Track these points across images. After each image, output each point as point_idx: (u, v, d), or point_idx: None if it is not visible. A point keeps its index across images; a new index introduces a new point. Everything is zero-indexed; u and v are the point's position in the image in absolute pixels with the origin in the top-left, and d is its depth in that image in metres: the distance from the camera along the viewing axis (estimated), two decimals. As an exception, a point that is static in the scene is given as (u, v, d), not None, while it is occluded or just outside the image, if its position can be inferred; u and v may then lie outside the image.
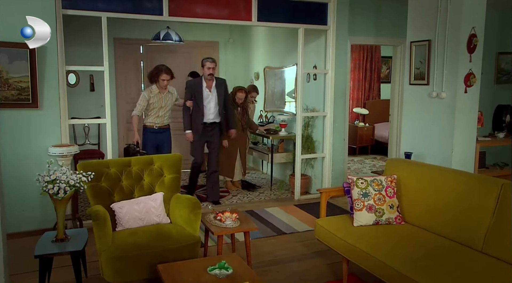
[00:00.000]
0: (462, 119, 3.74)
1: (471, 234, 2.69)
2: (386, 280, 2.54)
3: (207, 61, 4.95)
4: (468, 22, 3.65)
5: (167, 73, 4.89)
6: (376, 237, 2.84)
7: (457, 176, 2.98)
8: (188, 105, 5.02)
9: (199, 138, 5.07)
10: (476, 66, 3.73)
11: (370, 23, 5.53)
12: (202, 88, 4.98)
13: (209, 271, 2.25)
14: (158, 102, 4.98)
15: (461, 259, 2.53)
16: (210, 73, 4.93)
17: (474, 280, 2.28)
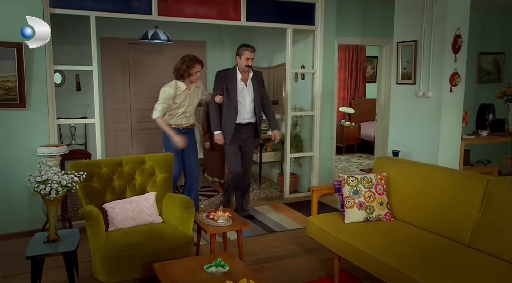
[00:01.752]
0: (448, 117, 3.84)
1: (459, 229, 2.77)
2: (379, 276, 2.60)
3: (246, 49, 4.13)
4: (453, 23, 3.75)
5: (199, 62, 4.11)
6: (367, 233, 2.91)
7: (444, 173, 3.07)
8: (217, 101, 4.22)
9: (230, 142, 4.26)
10: (461, 66, 3.83)
11: (357, 24, 5.61)
12: (236, 81, 4.19)
13: (205, 269, 2.27)
14: (185, 99, 4.16)
15: (450, 253, 2.60)
16: (248, 65, 4.14)
17: (462, 273, 2.35)
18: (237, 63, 4.22)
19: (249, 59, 4.13)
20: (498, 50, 6.89)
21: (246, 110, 4.26)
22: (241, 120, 4.26)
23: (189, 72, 4.05)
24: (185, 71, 4.05)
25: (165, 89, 4.08)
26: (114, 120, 6.76)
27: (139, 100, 6.92)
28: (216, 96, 4.20)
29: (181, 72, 4.08)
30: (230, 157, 4.37)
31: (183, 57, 4.13)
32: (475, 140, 4.17)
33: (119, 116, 6.78)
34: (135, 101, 6.91)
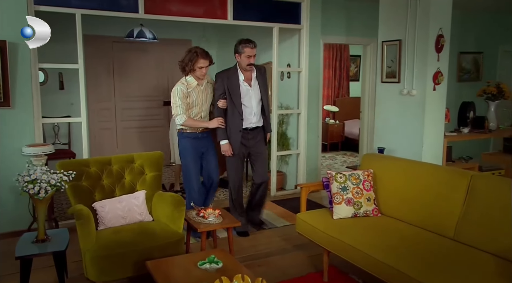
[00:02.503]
0: (431, 115, 3.94)
1: (443, 223, 2.86)
2: (368, 269, 2.67)
3: (246, 46, 3.65)
4: (436, 23, 3.85)
5: (204, 57, 3.64)
6: (356, 228, 2.97)
7: (429, 169, 3.16)
8: (220, 106, 3.75)
9: (238, 151, 3.81)
10: (443, 65, 3.94)
11: (342, 23, 5.69)
12: (238, 82, 3.73)
13: (199, 266, 2.29)
14: (198, 97, 3.73)
15: (435, 246, 2.68)
16: (250, 63, 3.69)
17: (448, 265, 2.43)
18: (237, 62, 3.77)
19: (251, 57, 3.66)
20: (477, 50, 7.08)
21: (252, 114, 3.78)
22: (248, 125, 3.79)
23: (192, 67, 3.64)
24: (187, 64, 3.66)
25: (176, 88, 3.66)
26: (99, 119, 6.69)
27: (124, 98, 6.87)
28: (219, 101, 3.74)
29: (183, 65, 3.69)
30: (234, 169, 3.87)
31: (189, 49, 3.75)
32: (457, 137, 4.29)
33: (103, 115, 6.72)
34: (119, 100, 6.86)
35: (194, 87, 3.71)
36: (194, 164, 3.77)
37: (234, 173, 3.89)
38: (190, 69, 3.66)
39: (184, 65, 3.68)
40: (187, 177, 3.80)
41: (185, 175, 3.83)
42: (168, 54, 7.03)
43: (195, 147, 3.76)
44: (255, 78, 3.80)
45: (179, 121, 3.64)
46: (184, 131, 3.77)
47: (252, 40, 3.73)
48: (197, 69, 3.64)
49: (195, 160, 3.77)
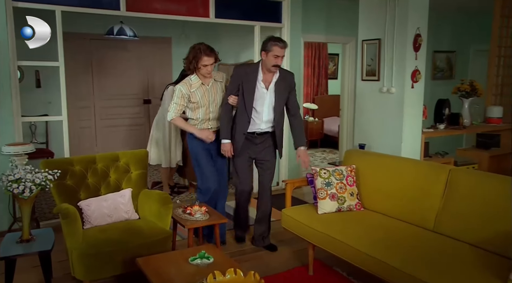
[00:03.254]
0: (410, 112, 4.07)
1: (424, 216, 2.97)
2: (353, 262, 2.75)
3: (276, 44, 3.26)
4: (413, 23, 3.97)
5: (208, 54, 3.39)
6: (340, 223, 3.05)
7: (409, 164, 3.27)
8: (230, 102, 3.45)
9: (239, 154, 3.52)
10: (421, 63, 4.08)
11: (322, 22, 5.79)
12: (256, 82, 3.39)
13: (190, 261, 2.32)
14: (203, 97, 3.48)
15: (417, 238, 2.79)
16: (277, 65, 3.32)
17: (428, 255, 2.53)
18: (262, 60, 3.39)
19: (279, 57, 3.28)
20: (450, 49, 7.33)
21: (263, 120, 3.47)
22: (255, 129, 3.49)
23: (196, 65, 3.40)
24: (191, 62, 3.42)
25: (178, 87, 3.47)
26: (77, 117, 6.58)
27: (103, 97, 6.79)
28: (230, 96, 3.43)
29: (188, 63, 3.45)
30: (239, 171, 3.59)
31: (192, 46, 3.49)
32: (433, 133, 4.44)
33: (82, 113, 6.62)
34: (99, 98, 6.78)
35: (198, 86, 3.46)
36: (207, 164, 3.53)
37: (242, 172, 3.56)
38: (195, 68, 3.43)
39: (189, 63, 3.44)
40: (203, 179, 3.56)
41: (200, 177, 3.59)
42: (148, 52, 6.99)
43: (205, 149, 3.54)
44: (275, 83, 3.41)
45: (168, 117, 3.53)
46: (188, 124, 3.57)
47: (283, 40, 3.35)
48: (202, 67, 3.39)
49: (208, 160, 3.53)
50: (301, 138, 3.59)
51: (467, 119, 4.82)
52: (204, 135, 3.45)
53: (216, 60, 3.45)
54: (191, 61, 3.41)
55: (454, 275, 2.30)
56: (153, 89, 7.16)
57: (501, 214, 2.57)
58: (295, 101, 3.58)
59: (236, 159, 3.56)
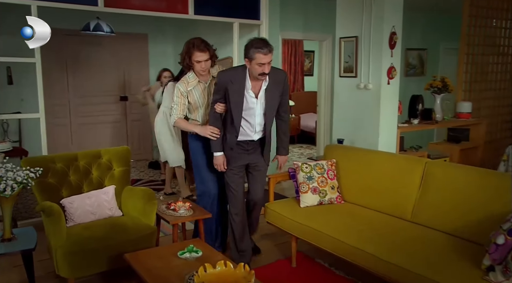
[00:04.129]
0: (386, 107, 4.20)
1: (401, 207, 3.10)
2: (334, 251, 2.85)
3: (258, 51, 2.78)
4: (389, 22, 4.10)
5: (201, 49, 3.12)
6: (322, 215, 3.14)
7: (387, 157, 3.40)
8: (218, 111, 3.08)
9: (231, 164, 3.17)
10: (396, 60, 4.21)
11: (299, 19, 5.88)
12: (243, 92, 2.96)
13: (179, 255, 2.35)
14: (201, 97, 3.25)
15: (395, 228, 2.91)
16: (263, 73, 2.86)
17: (406, 244, 2.66)
18: (248, 67, 2.91)
19: (264, 65, 2.80)
20: (421, 46, 7.57)
21: (253, 131, 3.10)
22: (246, 138, 3.14)
23: (189, 61, 3.16)
24: (185, 58, 3.18)
25: (177, 86, 3.25)
26: (52, 115, 6.43)
27: (79, 94, 6.66)
28: (217, 105, 3.06)
29: (182, 59, 3.22)
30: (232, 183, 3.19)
31: (187, 42, 3.23)
32: (408, 127, 4.60)
33: (57, 111, 6.47)
34: (74, 95, 6.64)
35: (196, 85, 3.23)
36: (207, 166, 3.30)
37: (232, 186, 3.19)
38: (188, 64, 3.19)
39: (183, 59, 3.21)
40: (202, 182, 3.37)
41: (200, 180, 3.40)
42: (124, 48, 6.89)
43: (205, 149, 3.28)
44: (266, 89, 2.98)
45: (171, 121, 3.36)
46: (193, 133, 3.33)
47: (267, 43, 2.85)
48: (195, 63, 3.14)
49: (210, 164, 3.25)
50: (287, 145, 3.34)
51: (439, 114, 5.01)
52: (208, 131, 3.10)
53: (212, 56, 3.19)
54: (184, 57, 3.19)
55: (432, 262, 2.42)
56: (129, 86, 7.08)
57: (474, 204, 2.72)
58: (286, 104, 3.22)
59: (228, 170, 3.19)
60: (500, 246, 2.25)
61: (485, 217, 2.62)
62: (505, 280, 2.14)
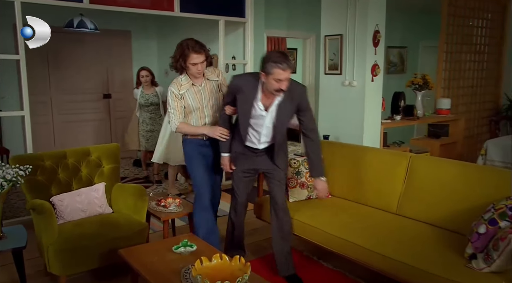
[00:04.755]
0: (370, 104, 4.31)
1: (387, 200, 3.21)
2: (323, 244, 2.94)
3: (277, 66, 2.58)
4: (373, 20, 4.20)
5: (197, 51, 2.94)
6: (311, 209, 3.22)
7: (372, 152, 3.50)
8: (228, 113, 2.97)
9: (237, 165, 3.09)
10: (380, 58, 4.33)
11: (284, 17, 5.93)
12: (252, 102, 2.80)
13: (174, 250, 2.38)
14: (195, 100, 3.06)
15: (382, 220, 3.02)
16: (280, 90, 2.66)
17: (392, 235, 2.77)
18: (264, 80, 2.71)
19: (282, 81, 2.61)
20: (402, 45, 7.74)
21: (257, 141, 2.96)
22: (253, 145, 2.99)
23: (183, 63, 2.97)
24: (178, 61, 2.99)
25: (169, 89, 3.07)
26: (34, 113, 6.30)
27: (61, 91, 6.57)
28: (227, 107, 2.95)
29: (175, 62, 3.02)
30: (235, 183, 3.15)
31: (180, 42, 3.04)
32: (391, 123, 4.72)
33: (38, 109, 6.34)
34: (56, 93, 6.55)
35: (189, 88, 3.04)
36: (199, 168, 3.11)
37: (235, 186, 3.13)
38: (182, 67, 3.00)
39: (176, 63, 3.01)
40: (196, 190, 3.17)
41: (194, 183, 3.22)
42: (107, 46, 6.83)
43: (203, 155, 3.13)
44: (279, 104, 2.78)
45: (173, 128, 3.07)
46: (187, 136, 3.15)
47: (286, 57, 2.64)
48: (190, 66, 2.96)
49: (200, 165, 3.12)
50: (318, 166, 3.01)
51: (420, 110, 5.16)
52: (218, 132, 2.95)
53: (207, 57, 3.02)
54: (178, 59, 2.97)
55: (417, 252, 2.53)
56: (113, 83, 7.03)
57: (456, 196, 2.84)
58: (310, 121, 2.97)
59: (235, 174, 3.11)
60: (482, 235, 2.37)
61: (467, 208, 2.74)
62: (487, 266, 2.26)
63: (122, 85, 7.07)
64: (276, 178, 3.03)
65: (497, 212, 2.39)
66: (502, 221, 2.33)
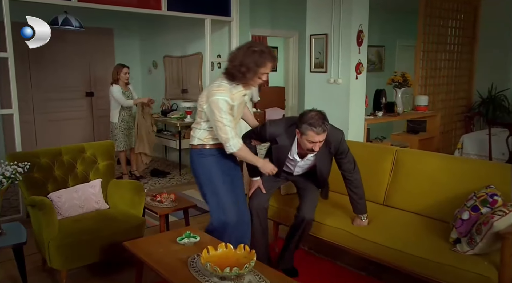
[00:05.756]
0: (354, 101, 4.48)
1: (375, 192, 3.36)
2: (316, 234, 3.08)
3: (311, 129, 2.62)
4: (357, 20, 4.36)
5: (274, 59, 2.64)
6: (303, 201, 3.35)
7: (360, 147, 3.65)
8: (254, 144, 2.93)
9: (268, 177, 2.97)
10: (363, 56, 4.49)
11: (268, 16, 6.06)
12: (288, 152, 2.87)
13: (178, 241, 2.47)
14: (239, 113, 2.74)
15: (371, 211, 3.14)
16: (312, 150, 2.74)
17: (383, 224, 2.95)
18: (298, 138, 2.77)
19: (315, 143, 2.67)
20: (380, 44, 7.99)
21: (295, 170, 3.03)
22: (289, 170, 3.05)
23: (255, 72, 2.55)
24: (251, 69, 2.52)
25: (220, 100, 2.51)
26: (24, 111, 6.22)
27: (43, 90, 6.49)
28: (254, 141, 2.92)
29: (242, 69, 2.52)
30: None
31: (249, 46, 2.58)
32: (373, 120, 4.92)
33: (19, 107, 6.24)
34: (37, 91, 6.46)
35: (239, 97, 2.65)
36: (227, 191, 2.72)
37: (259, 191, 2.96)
38: (252, 77, 2.56)
39: (245, 71, 2.52)
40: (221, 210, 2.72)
41: (216, 208, 2.74)
42: (89, 43, 6.79)
43: (223, 169, 2.74)
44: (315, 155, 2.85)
45: (233, 148, 2.57)
46: (204, 146, 2.70)
47: (323, 120, 2.67)
48: (260, 76, 2.60)
49: (228, 186, 2.74)
50: (360, 205, 2.95)
51: (400, 107, 5.38)
52: (270, 168, 2.74)
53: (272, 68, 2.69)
54: (250, 68, 2.51)
55: (405, 238, 2.71)
56: (95, 81, 6.98)
57: (439, 186, 3.03)
58: (350, 164, 2.95)
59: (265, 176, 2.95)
60: (465, 220, 2.56)
61: (450, 197, 2.93)
62: (470, 249, 2.45)
63: (104, 83, 7.00)
64: (308, 192, 3.02)
65: (478, 200, 2.59)
66: (484, 208, 2.53)
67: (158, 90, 6.99)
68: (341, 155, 2.92)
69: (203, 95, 2.65)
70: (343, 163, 2.96)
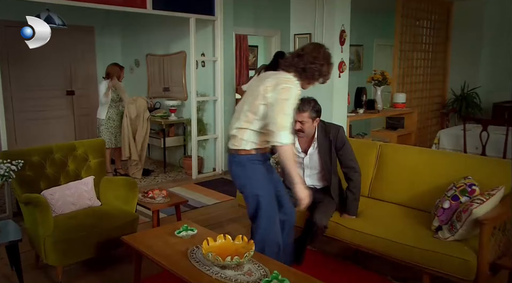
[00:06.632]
0: (337, 99, 4.64)
1: (362, 185, 3.52)
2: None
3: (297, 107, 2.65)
4: (339, 20, 4.53)
5: None
6: (292, 195, 3.48)
7: (344, 142, 3.81)
8: None
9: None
10: (345, 56, 4.66)
11: (250, 15, 6.15)
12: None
13: (176, 234, 2.54)
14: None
15: (358, 204, 3.33)
16: (300, 129, 2.86)
17: (369, 215, 3.10)
18: None
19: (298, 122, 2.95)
20: (358, 43, 8.20)
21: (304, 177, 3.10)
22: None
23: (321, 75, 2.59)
24: (323, 66, 2.55)
25: (293, 89, 2.44)
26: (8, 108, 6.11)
27: (22, 88, 6.38)
28: None
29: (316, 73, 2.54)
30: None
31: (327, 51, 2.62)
32: (355, 117, 5.09)
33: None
34: (16, 90, 6.35)
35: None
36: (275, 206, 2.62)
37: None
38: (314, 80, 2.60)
39: (320, 66, 2.53)
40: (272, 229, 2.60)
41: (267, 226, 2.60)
42: (69, 41, 6.71)
43: (267, 176, 2.59)
44: (316, 146, 2.98)
45: (285, 139, 2.36)
46: (250, 152, 2.49)
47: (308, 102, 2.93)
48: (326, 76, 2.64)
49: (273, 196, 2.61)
50: (352, 206, 3.05)
51: (380, 104, 5.59)
52: (306, 194, 2.50)
53: None
54: (323, 63, 2.53)
55: (391, 227, 2.87)
56: (76, 79, 6.92)
57: (421, 178, 3.21)
58: (348, 160, 3.06)
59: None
60: (446, 209, 2.73)
61: (431, 188, 3.11)
62: (451, 236, 2.62)
63: (85, 82, 6.98)
64: (324, 204, 3.03)
65: (458, 190, 2.77)
66: (463, 197, 2.71)
67: (140, 88, 6.99)
68: (340, 149, 3.08)
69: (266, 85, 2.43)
70: (342, 158, 3.10)
